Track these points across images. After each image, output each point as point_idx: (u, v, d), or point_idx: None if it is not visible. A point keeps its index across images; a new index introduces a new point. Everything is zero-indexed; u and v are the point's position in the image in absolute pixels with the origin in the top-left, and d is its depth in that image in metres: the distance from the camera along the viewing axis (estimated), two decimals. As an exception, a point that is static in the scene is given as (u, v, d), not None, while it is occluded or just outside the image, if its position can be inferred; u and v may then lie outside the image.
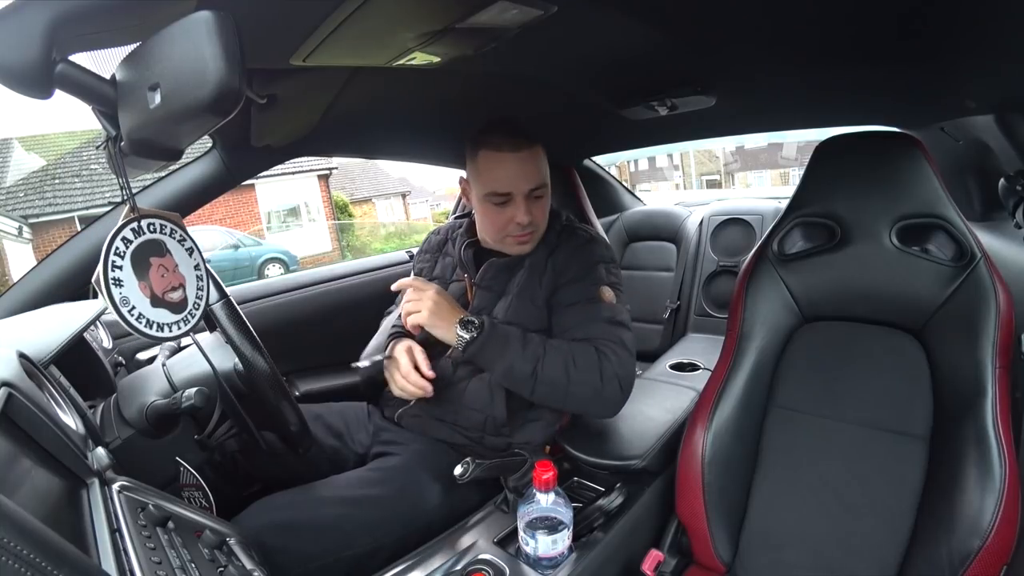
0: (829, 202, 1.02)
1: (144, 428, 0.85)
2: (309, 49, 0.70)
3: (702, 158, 14.77)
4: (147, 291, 0.73)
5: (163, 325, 0.75)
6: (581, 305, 1.02)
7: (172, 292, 0.77)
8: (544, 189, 1.05)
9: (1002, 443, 0.77)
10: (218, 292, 0.94)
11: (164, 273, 0.76)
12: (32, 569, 0.33)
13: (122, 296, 0.69)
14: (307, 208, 12.59)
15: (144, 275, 0.73)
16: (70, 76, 0.52)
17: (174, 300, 0.77)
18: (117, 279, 0.69)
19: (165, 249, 0.77)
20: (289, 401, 0.93)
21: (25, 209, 9.66)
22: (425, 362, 1.02)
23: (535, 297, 1.06)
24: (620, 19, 0.74)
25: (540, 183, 1.03)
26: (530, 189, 1.02)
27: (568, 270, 1.05)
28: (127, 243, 0.72)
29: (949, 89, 0.97)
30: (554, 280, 1.06)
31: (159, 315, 0.74)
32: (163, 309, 0.75)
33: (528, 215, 1.02)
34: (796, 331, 1.06)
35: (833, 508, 0.94)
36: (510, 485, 0.93)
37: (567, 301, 1.04)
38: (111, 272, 0.68)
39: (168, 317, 0.76)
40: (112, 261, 0.69)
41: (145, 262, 0.74)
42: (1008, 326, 0.84)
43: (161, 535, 0.56)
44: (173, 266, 0.78)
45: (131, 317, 0.70)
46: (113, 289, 0.68)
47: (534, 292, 1.06)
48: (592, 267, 1.05)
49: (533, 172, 1.02)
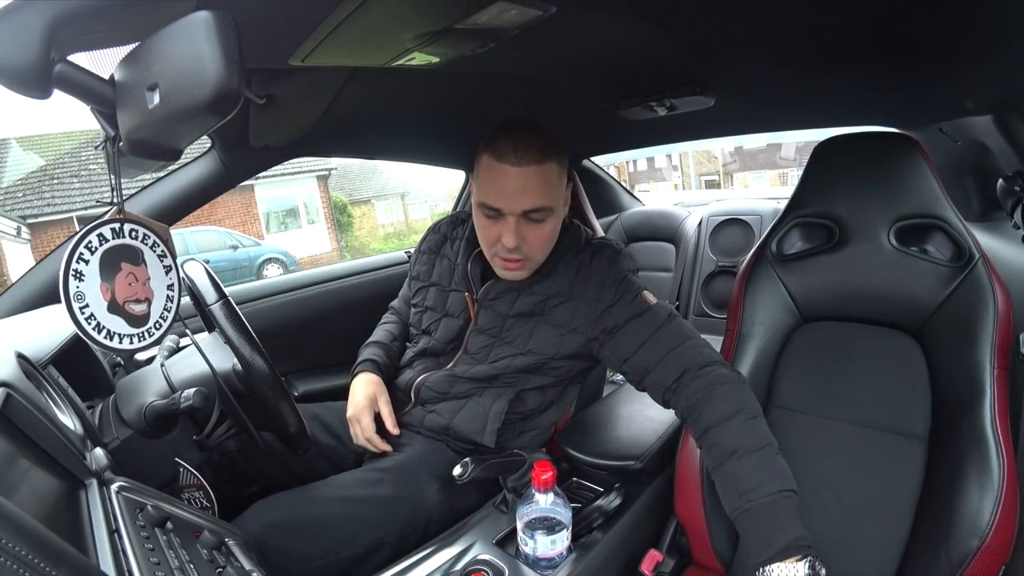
0: (828, 202, 1.02)
1: (143, 428, 0.84)
2: (308, 49, 0.70)
3: (701, 158, 14.78)
4: (107, 294, 0.70)
5: (113, 334, 0.71)
6: (635, 321, 0.93)
7: (135, 304, 0.74)
8: (545, 213, 0.90)
9: (1000, 443, 0.77)
10: (217, 292, 0.94)
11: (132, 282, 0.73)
12: (31, 570, 0.33)
13: (78, 291, 0.67)
14: (306, 209, 12.58)
15: (110, 277, 0.70)
16: (69, 76, 0.52)
17: (134, 312, 0.74)
18: (79, 272, 0.67)
19: (141, 259, 0.75)
20: (288, 401, 0.92)
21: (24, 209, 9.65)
22: (391, 418, 1.02)
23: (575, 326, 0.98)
24: (619, 19, 0.74)
25: (540, 205, 0.89)
26: (525, 210, 0.88)
27: (604, 294, 0.96)
28: (102, 240, 0.70)
29: (948, 90, 0.98)
30: (589, 308, 0.97)
31: (112, 322, 0.71)
32: (118, 318, 0.71)
33: (516, 239, 0.89)
34: (795, 331, 1.06)
35: (832, 508, 0.94)
36: (509, 485, 0.93)
37: (616, 323, 0.94)
38: (75, 264, 0.66)
39: (121, 327, 0.72)
40: (80, 253, 0.67)
41: (115, 265, 0.71)
42: (1006, 326, 0.84)
43: (160, 536, 0.56)
44: (145, 278, 0.75)
45: (80, 314, 0.67)
46: (71, 280, 0.66)
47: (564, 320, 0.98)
48: (623, 279, 0.97)
49: (533, 191, 0.88)
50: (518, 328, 1.01)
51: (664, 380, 0.90)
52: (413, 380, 1.09)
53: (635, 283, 0.98)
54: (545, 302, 1.00)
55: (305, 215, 12.58)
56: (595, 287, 0.97)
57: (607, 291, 0.96)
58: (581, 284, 0.98)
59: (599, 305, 0.96)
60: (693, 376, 0.87)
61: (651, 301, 0.96)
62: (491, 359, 1.02)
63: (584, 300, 0.97)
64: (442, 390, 1.05)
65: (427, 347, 1.11)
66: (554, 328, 0.99)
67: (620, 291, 0.96)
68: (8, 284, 1.15)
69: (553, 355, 1.00)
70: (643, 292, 0.97)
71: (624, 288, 0.96)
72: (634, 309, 0.94)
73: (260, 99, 0.88)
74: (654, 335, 0.92)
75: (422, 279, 1.15)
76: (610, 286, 0.97)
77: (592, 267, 0.99)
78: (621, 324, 0.94)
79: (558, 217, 0.95)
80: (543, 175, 0.88)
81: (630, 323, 0.94)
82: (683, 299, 2.06)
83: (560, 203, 0.94)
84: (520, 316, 1.01)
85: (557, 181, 0.91)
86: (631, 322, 0.94)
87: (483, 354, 1.03)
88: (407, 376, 1.12)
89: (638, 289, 0.97)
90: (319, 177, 12.57)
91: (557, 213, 0.93)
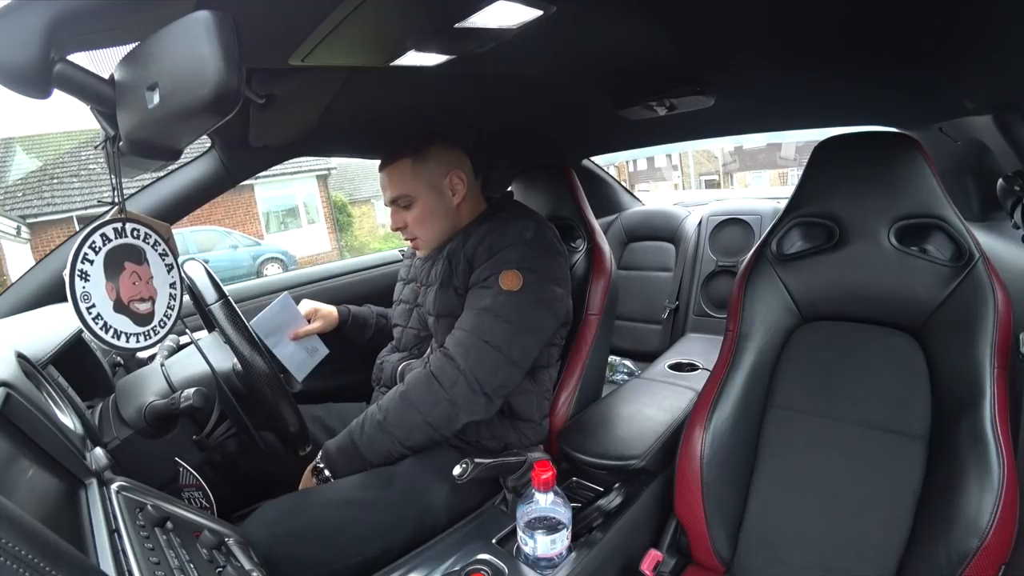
0: (828, 202, 1.02)
1: (143, 428, 0.85)
2: (308, 49, 0.70)
3: (701, 158, 14.77)
4: (113, 293, 0.70)
5: (120, 333, 0.71)
6: (472, 291, 1.03)
7: (140, 303, 0.74)
8: (407, 200, 1.09)
9: (1000, 443, 0.77)
10: (217, 292, 0.94)
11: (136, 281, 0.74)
12: (30, 569, 0.33)
13: (84, 291, 0.67)
14: (306, 208, 12.57)
15: (114, 277, 0.71)
16: (68, 76, 0.52)
17: (139, 311, 0.74)
18: (84, 272, 0.67)
19: (143, 258, 0.75)
20: (288, 401, 0.92)
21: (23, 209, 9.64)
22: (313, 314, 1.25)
23: (456, 287, 1.06)
24: (619, 19, 0.74)
25: (396, 195, 1.09)
26: (390, 199, 1.10)
27: (477, 256, 1.04)
28: (105, 240, 0.70)
29: (947, 89, 0.97)
30: (469, 269, 1.05)
31: (118, 321, 0.71)
32: (124, 317, 0.72)
33: (397, 222, 1.11)
34: (795, 331, 1.06)
35: (832, 508, 0.94)
36: (509, 485, 0.93)
37: (473, 281, 1.04)
38: (80, 264, 0.67)
39: (128, 326, 0.72)
40: (84, 253, 0.67)
41: (119, 265, 0.72)
42: (1006, 326, 0.84)
43: (159, 535, 0.56)
44: (148, 277, 0.76)
45: (87, 315, 0.67)
46: (77, 281, 0.66)
47: (453, 281, 1.07)
48: (499, 251, 1.02)
49: (389, 182, 1.09)
50: (431, 293, 1.10)
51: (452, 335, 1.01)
52: (395, 369, 1.15)
53: (506, 258, 1.01)
54: (452, 268, 1.08)
55: (305, 215, 12.57)
56: (473, 246, 1.06)
57: (482, 251, 1.04)
58: (467, 244, 1.07)
59: (475, 262, 1.05)
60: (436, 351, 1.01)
61: (504, 282, 0.99)
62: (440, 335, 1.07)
63: (467, 257, 1.06)
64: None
65: (401, 337, 1.21)
66: (446, 288, 1.08)
67: (488, 259, 1.03)
68: (8, 284, 1.15)
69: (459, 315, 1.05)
70: (504, 271, 1.00)
71: (492, 260, 1.02)
72: (481, 278, 1.02)
73: (260, 99, 0.88)
74: (470, 314, 1.00)
75: (403, 277, 1.30)
76: (484, 248, 1.04)
77: (481, 230, 1.07)
78: (470, 287, 1.04)
79: (428, 197, 1.09)
80: (395, 171, 1.09)
81: (472, 290, 1.03)
82: (683, 299, 2.06)
83: (425, 187, 1.09)
84: (431, 286, 1.12)
85: (412, 173, 1.08)
86: (472, 290, 1.03)
87: (438, 334, 1.08)
88: (388, 369, 1.17)
89: (502, 266, 1.01)
90: (319, 177, 12.56)
91: (424, 195, 1.09)
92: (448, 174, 1.10)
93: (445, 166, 1.10)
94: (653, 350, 1.97)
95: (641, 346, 2.11)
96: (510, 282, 0.99)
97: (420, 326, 1.17)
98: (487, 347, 0.96)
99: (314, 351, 1.26)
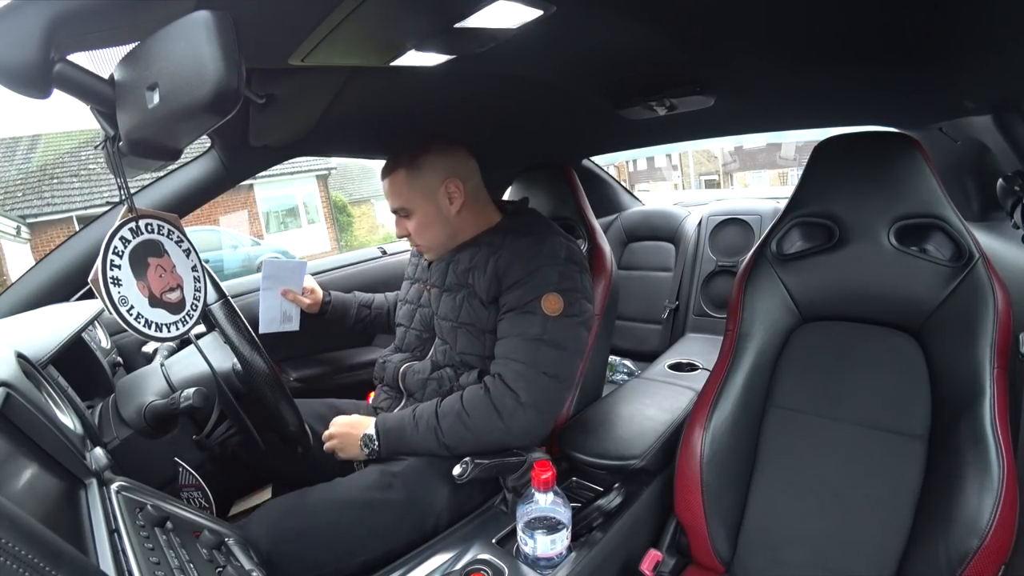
0: (827, 202, 1.02)
1: (142, 428, 0.85)
2: (308, 49, 0.70)
3: (701, 158, 14.76)
4: (145, 291, 0.73)
5: (161, 325, 0.75)
6: (515, 315, 0.99)
7: (170, 292, 0.77)
8: (405, 212, 1.10)
9: (1000, 443, 0.77)
10: (216, 292, 0.94)
11: (162, 273, 0.77)
12: (30, 569, 0.33)
13: (120, 295, 0.70)
14: (306, 208, 12.57)
15: (142, 275, 0.73)
16: (68, 76, 0.52)
17: (172, 300, 0.77)
18: (116, 278, 0.69)
19: (163, 249, 0.78)
20: (288, 401, 0.93)
21: (23, 209, 9.64)
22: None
23: (482, 298, 1.04)
24: (619, 19, 0.74)
25: (397, 206, 1.10)
26: (392, 209, 1.12)
27: (511, 273, 1.00)
28: (125, 243, 0.72)
29: (947, 90, 0.98)
30: (498, 283, 1.02)
31: (157, 315, 0.75)
32: (161, 309, 0.75)
33: (400, 230, 1.13)
34: (795, 331, 1.06)
35: (832, 508, 0.94)
36: (509, 485, 0.93)
37: (506, 307, 1.01)
38: (110, 271, 0.69)
39: (166, 317, 0.76)
40: (111, 260, 0.69)
41: (143, 262, 0.74)
42: (1006, 326, 0.84)
43: (159, 535, 0.56)
44: (171, 267, 0.79)
45: (130, 317, 0.70)
46: (112, 288, 0.69)
47: (477, 292, 1.04)
48: (536, 270, 0.99)
49: (390, 193, 1.11)
50: (453, 303, 1.08)
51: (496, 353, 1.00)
52: (397, 370, 1.15)
53: (545, 279, 0.99)
54: (470, 272, 1.06)
55: (305, 215, 12.57)
56: (506, 262, 1.02)
57: (516, 269, 1.00)
58: (498, 259, 1.03)
59: (507, 279, 1.01)
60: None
61: (546, 306, 0.97)
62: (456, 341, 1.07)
63: (497, 276, 1.02)
64: (424, 377, 1.09)
65: (404, 337, 1.21)
66: (476, 300, 1.05)
67: (527, 279, 0.99)
68: (8, 284, 1.15)
69: (483, 327, 1.04)
70: (546, 295, 0.97)
71: (532, 278, 0.99)
72: (524, 303, 0.98)
73: (260, 99, 0.88)
74: (516, 340, 0.97)
75: (408, 276, 1.29)
76: (520, 267, 1.00)
77: (514, 246, 1.04)
78: (510, 309, 1.00)
79: (426, 208, 1.09)
80: (392, 183, 1.10)
81: (512, 314, 0.99)
82: (683, 299, 2.06)
83: (420, 197, 1.08)
84: (450, 292, 1.10)
85: (407, 186, 1.08)
86: (514, 313, 0.99)
87: (451, 338, 1.08)
88: (390, 370, 1.17)
89: (543, 288, 0.98)
90: (319, 177, 12.56)
91: (421, 206, 1.09)
92: (444, 182, 1.07)
93: (440, 174, 1.07)
94: (653, 350, 1.97)
95: (641, 346, 2.11)
96: (553, 306, 0.97)
97: (423, 327, 1.17)
98: (546, 378, 0.96)
99: (288, 319, 1.38)
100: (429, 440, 0.97)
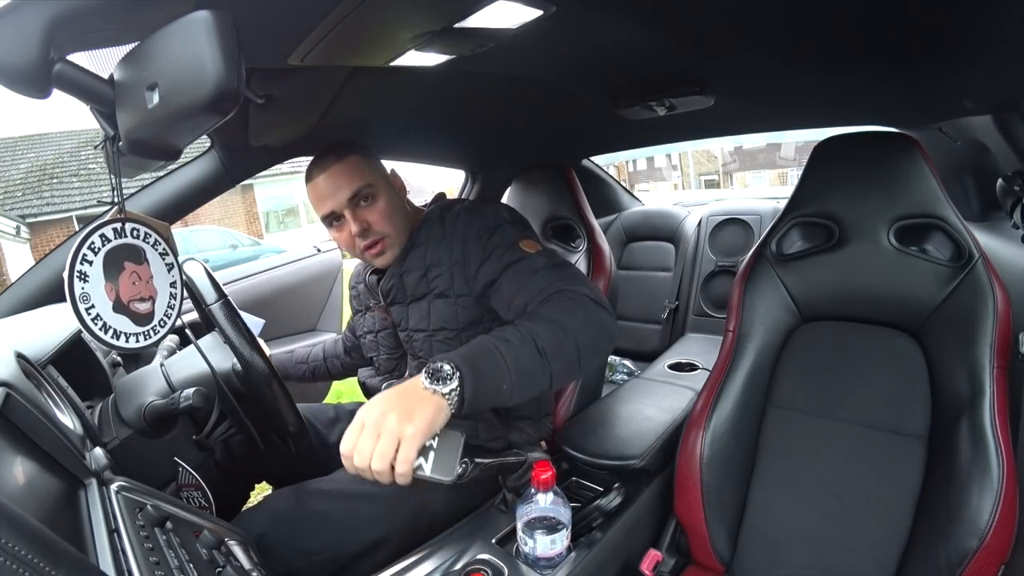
0: (827, 202, 1.02)
1: (142, 428, 0.84)
2: (307, 49, 0.70)
3: (700, 158, 14.77)
4: (112, 294, 0.71)
5: (120, 333, 0.71)
6: (510, 270, 0.90)
7: (140, 303, 0.75)
8: (370, 189, 0.97)
9: (1000, 443, 0.77)
10: (216, 292, 0.94)
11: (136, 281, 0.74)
12: (30, 569, 0.33)
13: (83, 292, 0.67)
14: (306, 208, 12.56)
15: (114, 277, 0.71)
16: (68, 76, 0.52)
17: (139, 311, 0.75)
18: (83, 273, 0.67)
19: (143, 257, 0.76)
20: (288, 401, 0.92)
21: (23, 209, 9.65)
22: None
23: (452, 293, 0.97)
24: (619, 19, 0.74)
25: (361, 185, 0.96)
26: (349, 196, 0.96)
27: (473, 251, 0.94)
28: (105, 240, 0.70)
29: (947, 90, 0.98)
30: (464, 268, 0.95)
31: (118, 321, 0.71)
32: (124, 317, 0.72)
33: (359, 223, 0.97)
34: (794, 331, 1.06)
35: (831, 508, 0.94)
36: (509, 485, 0.93)
37: (492, 276, 0.92)
38: (79, 265, 0.67)
39: (127, 326, 0.72)
40: (83, 255, 0.67)
41: (119, 265, 0.72)
42: (1006, 326, 0.84)
43: (159, 535, 0.56)
44: (148, 277, 0.76)
45: (87, 316, 0.67)
46: (76, 282, 0.66)
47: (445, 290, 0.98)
48: (495, 230, 0.94)
49: (347, 179, 0.96)
50: (421, 311, 1.01)
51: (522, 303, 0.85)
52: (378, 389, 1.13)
53: (508, 233, 0.94)
54: (426, 275, 0.99)
55: (305, 214, 12.58)
56: (459, 248, 0.95)
57: (474, 248, 0.94)
58: (448, 249, 0.97)
59: (471, 265, 0.94)
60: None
61: (528, 250, 0.91)
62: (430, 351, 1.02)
63: (457, 264, 0.96)
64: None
65: (379, 364, 1.16)
66: (444, 299, 0.98)
67: (490, 246, 0.93)
68: (8, 284, 1.15)
69: (458, 326, 0.98)
70: (520, 242, 0.92)
71: (495, 242, 0.93)
72: (508, 258, 0.91)
73: (259, 99, 0.87)
74: (531, 278, 0.86)
75: (355, 305, 1.22)
76: (474, 243, 0.94)
77: (454, 229, 0.97)
78: (498, 276, 0.91)
79: (389, 191, 1.01)
80: (347, 166, 0.97)
81: (506, 272, 0.90)
82: (682, 299, 2.06)
83: (382, 180, 1.00)
84: (416, 300, 1.02)
85: (367, 166, 0.99)
86: (507, 271, 0.90)
87: (425, 350, 1.03)
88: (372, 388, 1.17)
89: (513, 239, 0.93)
90: (319, 176, 12.56)
91: (384, 188, 1.00)
92: (391, 170, 1.04)
93: (375, 162, 1.02)
94: (653, 350, 1.97)
95: (641, 346, 2.11)
96: (534, 246, 0.92)
97: (392, 346, 1.12)
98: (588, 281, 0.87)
99: None
100: (525, 351, 0.71)
